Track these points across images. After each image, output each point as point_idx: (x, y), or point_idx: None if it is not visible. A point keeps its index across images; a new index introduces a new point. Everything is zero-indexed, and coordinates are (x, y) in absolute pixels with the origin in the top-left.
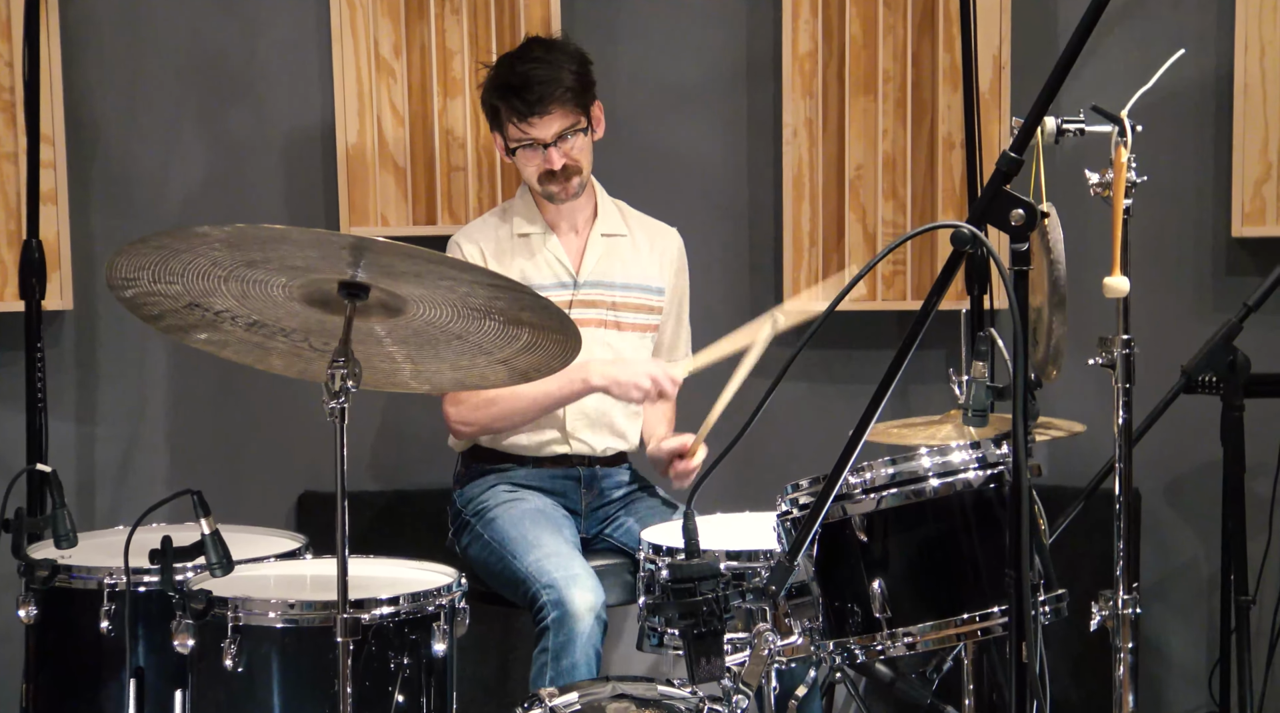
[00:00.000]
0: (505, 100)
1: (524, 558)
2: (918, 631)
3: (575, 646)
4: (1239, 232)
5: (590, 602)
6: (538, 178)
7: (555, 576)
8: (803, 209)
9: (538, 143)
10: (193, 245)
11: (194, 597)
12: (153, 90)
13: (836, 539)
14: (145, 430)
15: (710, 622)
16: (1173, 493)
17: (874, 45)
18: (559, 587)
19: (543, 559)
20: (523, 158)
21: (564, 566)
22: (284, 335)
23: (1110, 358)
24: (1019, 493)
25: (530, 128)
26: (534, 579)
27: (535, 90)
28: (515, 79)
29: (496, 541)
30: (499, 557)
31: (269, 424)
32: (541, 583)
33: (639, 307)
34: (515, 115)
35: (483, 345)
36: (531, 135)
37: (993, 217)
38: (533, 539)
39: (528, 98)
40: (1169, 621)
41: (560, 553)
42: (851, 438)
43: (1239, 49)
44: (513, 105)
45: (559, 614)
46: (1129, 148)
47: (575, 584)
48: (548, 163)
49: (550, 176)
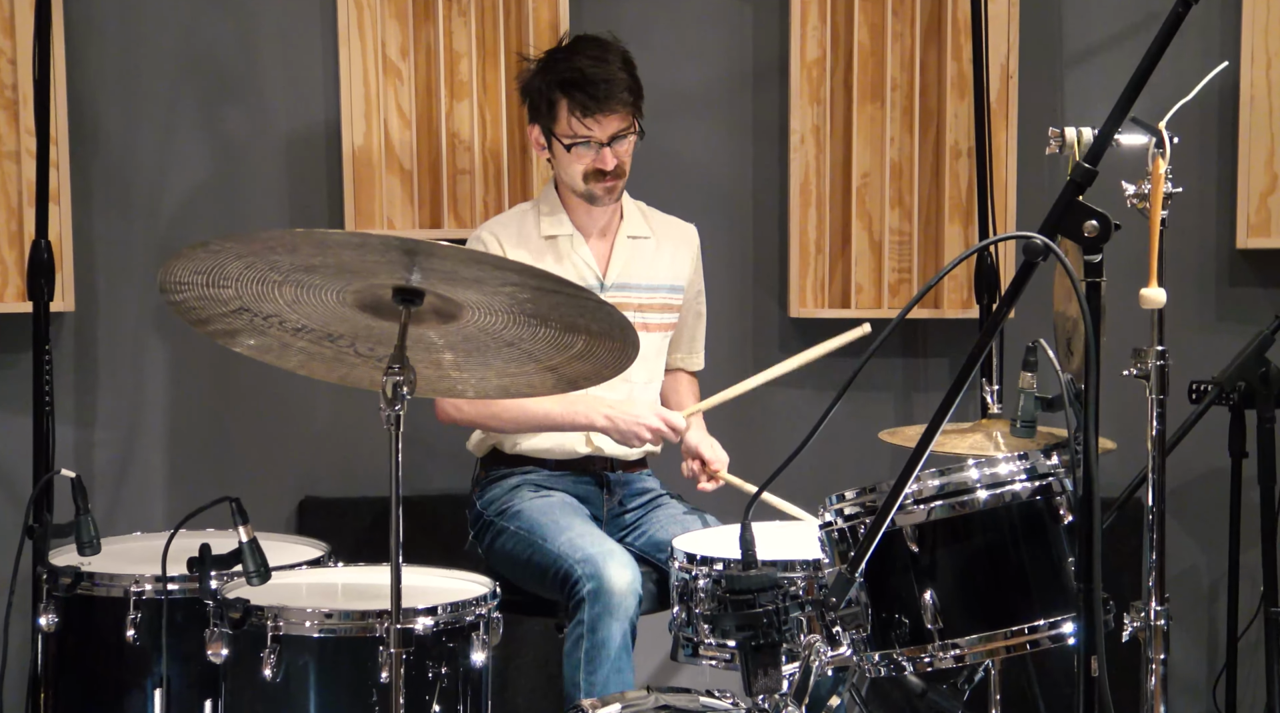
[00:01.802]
0: (569, 94)
1: (555, 539)
2: (965, 643)
3: (612, 618)
4: (1244, 243)
5: (627, 578)
6: (583, 176)
7: (590, 551)
8: (809, 216)
9: (594, 141)
10: (254, 249)
11: (231, 605)
12: (155, 90)
13: (886, 550)
14: (144, 435)
15: (768, 633)
16: (1173, 502)
17: (882, 53)
18: (595, 561)
19: (575, 539)
20: (574, 155)
21: (598, 543)
22: (330, 341)
23: (1144, 369)
24: (1090, 505)
25: (594, 125)
26: (567, 557)
27: (602, 88)
28: (582, 74)
29: (525, 529)
30: (527, 544)
31: (269, 430)
32: (576, 559)
33: (663, 307)
34: (580, 110)
35: (534, 353)
36: (591, 134)
37: (1066, 227)
38: (563, 524)
39: (595, 94)
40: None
41: (592, 533)
42: (916, 449)
43: (1245, 61)
44: (578, 100)
45: (595, 586)
46: (1167, 159)
47: (612, 559)
48: (601, 162)
49: (599, 176)
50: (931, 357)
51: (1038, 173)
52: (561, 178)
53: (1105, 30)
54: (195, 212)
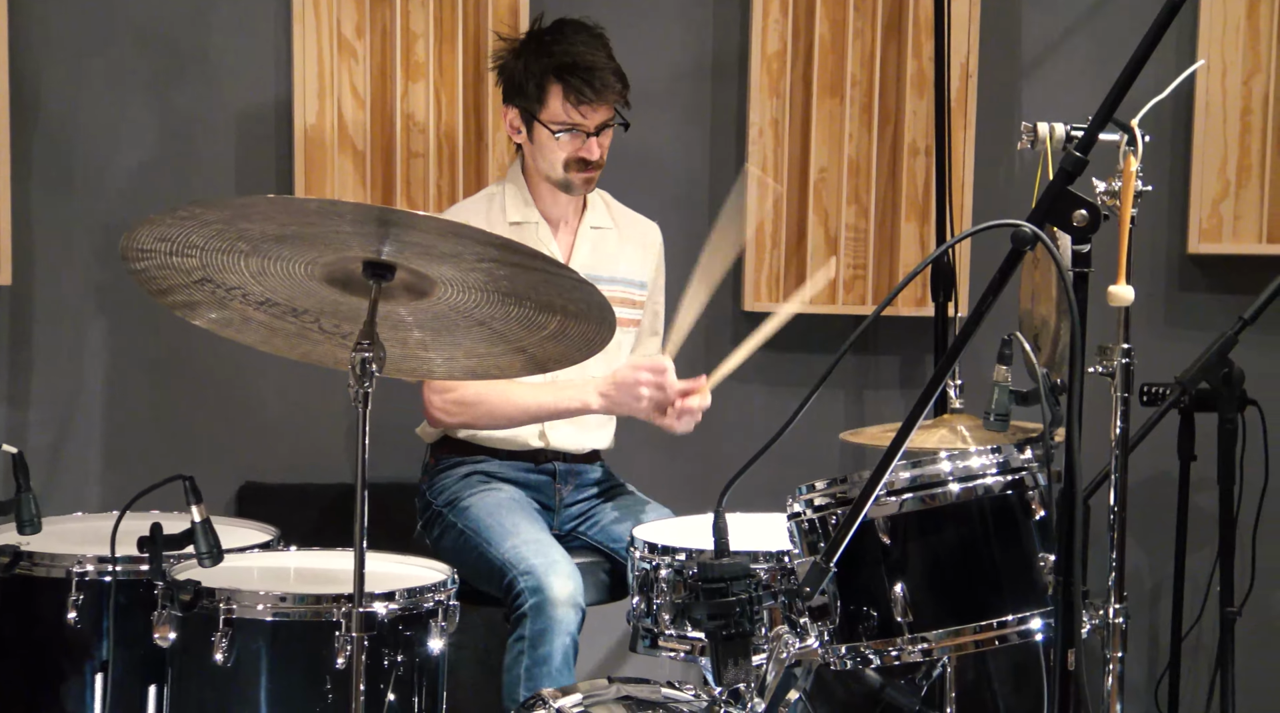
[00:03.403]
0: (565, 81)
1: (500, 545)
2: (933, 637)
3: (553, 633)
4: (1195, 248)
5: (569, 590)
6: (564, 165)
7: (533, 562)
8: (765, 210)
9: (582, 130)
10: (224, 217)
11: (182, 587)
12: (101, 63)
13: (857, 541)
14: (82, 415)
15: (740, 623)
16: None
17: (842, 48)
18: (537, 573)
19: (520, 546)
20: (560, 143)
21: (542, 553)
22: (294, 316)
23: (1110, 367)
24: (1072, 498)
25: (588, 112)
26: (511, 566)
27: (599, 75)
28: (578, 62)
29: (471, 529)
30: (473, 545)
31: (211, 413)
32: (519, 569)
33: (624, 301)
34: (575, 97)
35: (504, 333)
36: (582, 123)
37: (1055, 217)
38: (509, 526)
39: (594, 82)
40: None
41: (538, 540)
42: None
43: (1200, 70)
44: (574, 87)
45: (537, 601)
46: (1139, 157)
47: (553, 571)
48: (587, 151)
49: (582, 166)
50: (883, 354)
51: (994, 172)
52: (537, 164)
53: (1065, 32)
54: (141, 188)
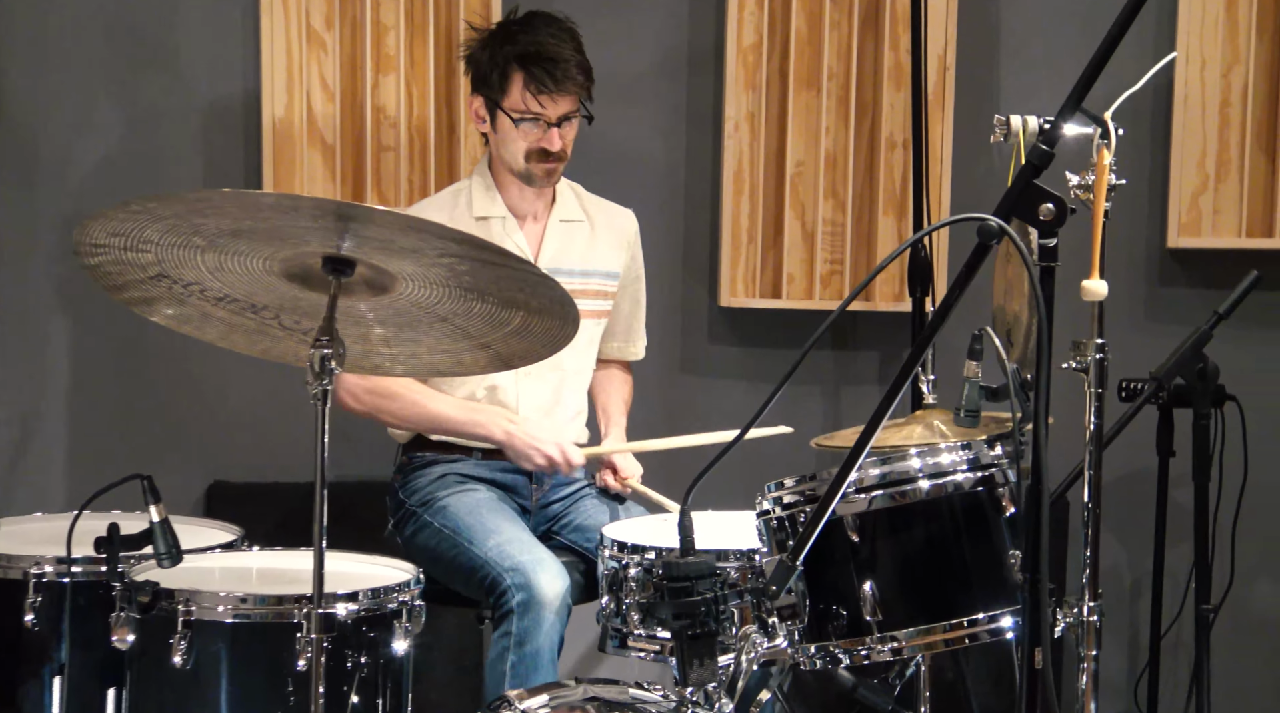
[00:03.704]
0: (526, 69)
1: (483, 544)
2: (903, 636)
3: (540, 631)
4: (1174, 242)
5: (557, 588)
6: (525, 155)
7: (520, 560)
8: (742, 205)
9: (544, 120)
10: (178, 211)
11: (140, 588)
12: (66, 54)
13: (826, 539)
14: (44, 413)
15: (705, 623)
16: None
17: (819, 41)
18: (525, 571)
19: (504, 544)
20: (521, 131)
21: (528, 550)
22: (253, 312)
23: (1084, 362)
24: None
25: (548, 103)
26: (495, 564)
27: (561, 66)
28: (541, 51)
29: (450, 528)
30: (452, 544)
31: (176, 410)
32: (504, 567)
33: (597, 293)
34: (535, 86)
35: (467, 329)
36: (543, 112)
37: (1021, 210)
38: (491, 526)
39: (555, 72)
40: None
41: (521, 539)
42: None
43: (1180, 60)
44: (535, 76)
45: (525, 598)
46: (1112, 150)
47: (541, 569)
48: (548, 142)
49: (543, 157)
50: (861, 350)
51: (973, 166)
52: (500, 155)
53: (1043, 24)
54: (105, 182)
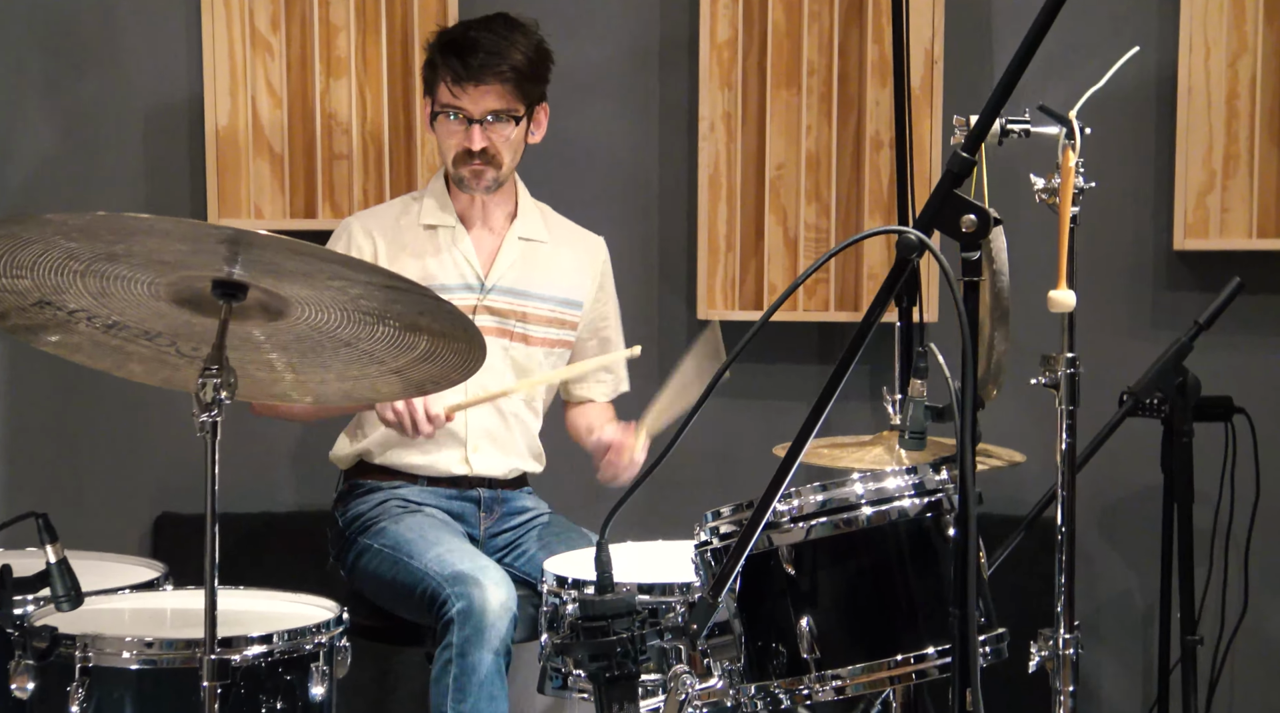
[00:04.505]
0: (445, 58)
1: (423, 556)
2: (847, 673)
3: (483, 640)
4: (1181, 244)
5: (501, 596)
6: (453, 158)
7: (460, 568)
8: (719, 210)
9: (464, 115)
10: (44, 235)
11: (36, 634)
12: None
13: (761, 573)
14: None
15: (624, 664)
16: (1107, 522)
17: (798, 35)
18: (466, 579)
19: (445, 554)
20: (445, 129)
21: (469, 559)
22: (147, 339)
23: (1054, 378)
24: (966, 523)
25: (462, 94)
26: (435, 574)
27: (479, 57)
28: (463, 40)
29: (389, 546)
30: (392, 561)
31: (121, 438)
32: (444, 576)
33: (551, 320)
34: (451, 75)
35: (374, 354)
36: (461, 105)
37: (942, 222)
38: (432, 539)
39: (470, 62)
40: (1101, 658)
41: (464, 550)
42: (783, 463)
43: (1183, 49)
44: (450, 65)
45: (465, 605)
46: (1077, 151)
47: (484, 576)
48: (469, 140)
49: (467, 157)
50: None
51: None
52: (442, 159)
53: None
54: (38, 194)
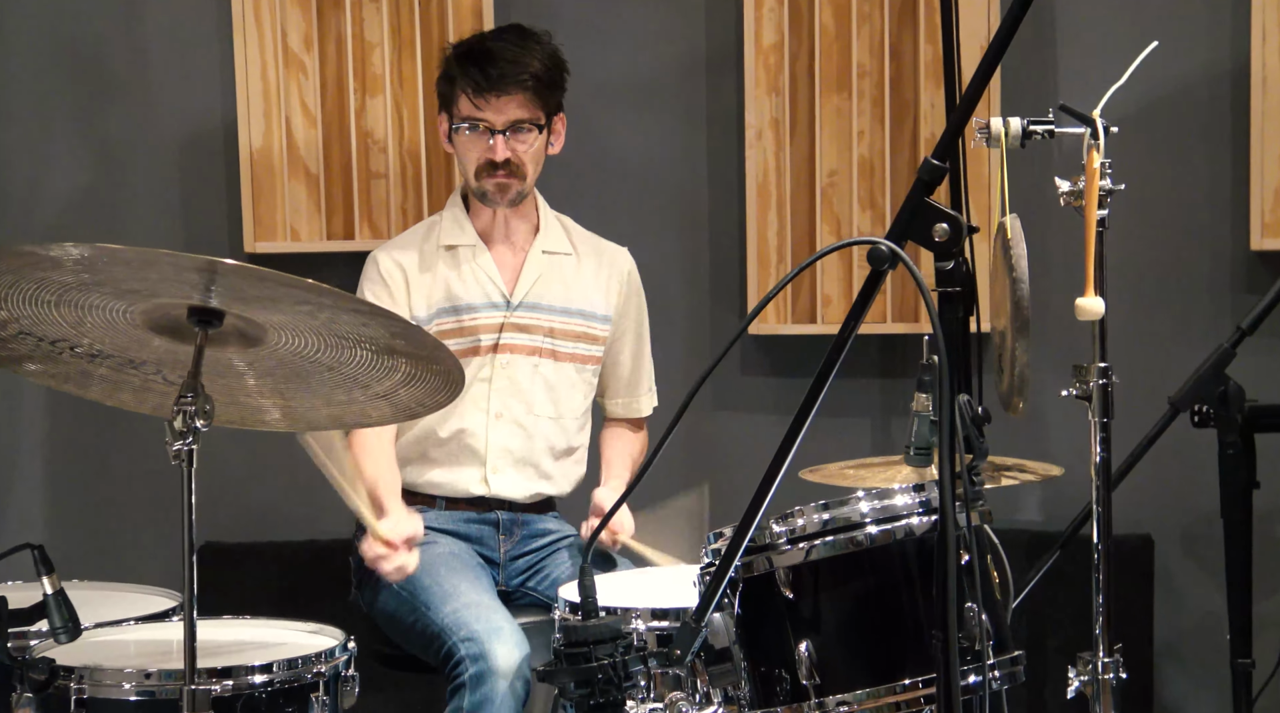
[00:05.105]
0: (464, 70)
1: (440, 609)
2: (853, 699)
3: (492, 707)
4: (1258, 245)
5: (514, 659)
6: (475, 170)
7: (475, 628)
8: (769, 220)
9: (487, 127)
10: (13, 266)
11: (34, 666)
12: (25, 85)
13: (761, 596)
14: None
15: (607, 691)
16: (1189, 539)
17: (848, 37)
18: (479, 640)
19: (461, 610)
20: (466, 142)
21: (485, 617)
22: (133, 367)
23: (1085, 389)
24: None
25: (484, 106)
26: (451, 632)
27: (500, 66)
28: (481, 51)
29: (408, 590)
30: (411, 608)
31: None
32: (459, 636)
33: (579, 335)
34: (472, 87)
35: (358, 378)
36: (484, 116)
37: (915, 232)
38: (449, 588)
39: (490, 72)
40: (1185, 684)
41: (481, 603)
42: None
43: (1256, 39)
44: (471, 76)
45: (477, 671)
46: (1102, 152)
47: (497, 638)
48: (492, 152)
49: (491, 169)
50: (910, 376)
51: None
52: (462, 174)
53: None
54: (72, 223)
